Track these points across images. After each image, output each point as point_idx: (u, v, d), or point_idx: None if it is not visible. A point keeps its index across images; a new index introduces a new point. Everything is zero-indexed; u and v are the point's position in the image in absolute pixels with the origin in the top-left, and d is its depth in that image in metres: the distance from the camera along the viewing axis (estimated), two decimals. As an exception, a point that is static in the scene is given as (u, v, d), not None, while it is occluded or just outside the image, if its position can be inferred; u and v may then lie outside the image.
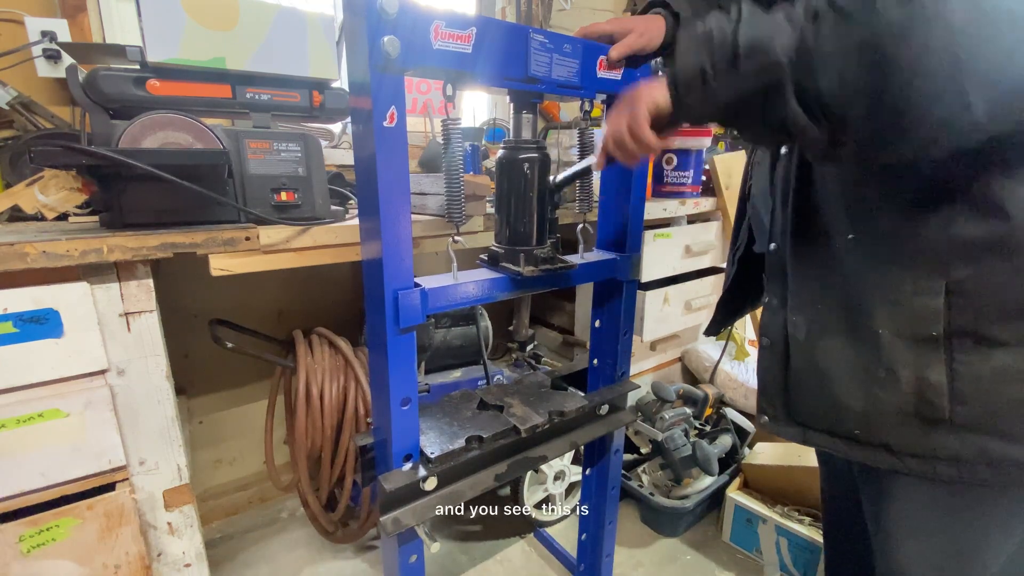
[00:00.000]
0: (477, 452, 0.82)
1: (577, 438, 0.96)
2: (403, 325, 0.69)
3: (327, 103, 1.02)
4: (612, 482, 1.15)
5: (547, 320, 2.07)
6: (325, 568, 1.43)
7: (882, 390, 0.64)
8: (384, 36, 0.58)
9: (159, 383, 0.87)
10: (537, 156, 0.83)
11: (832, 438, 0.71)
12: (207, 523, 1.57)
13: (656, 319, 1.64)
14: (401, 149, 0.64)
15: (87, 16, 1.28)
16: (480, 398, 0.95)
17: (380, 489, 0.73)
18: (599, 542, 1.18)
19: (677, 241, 1.65)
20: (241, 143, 0.92)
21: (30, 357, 0.75)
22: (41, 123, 1.26)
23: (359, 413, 1.21)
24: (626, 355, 1.06)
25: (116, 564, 0.84)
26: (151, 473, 0.88)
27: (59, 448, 0.78)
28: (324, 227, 0.97)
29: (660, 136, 0.66)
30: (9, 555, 0.76)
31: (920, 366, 0.61)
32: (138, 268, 0.82)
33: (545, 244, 0.87)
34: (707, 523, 1.62)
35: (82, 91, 0.84)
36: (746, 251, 0.89)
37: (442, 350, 1.55)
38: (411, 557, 0.80)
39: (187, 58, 0.87)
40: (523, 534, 1.56)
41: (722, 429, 1.67)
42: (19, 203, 1.01)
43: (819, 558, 1.32)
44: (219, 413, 1.62)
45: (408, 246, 0.68)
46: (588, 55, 0.78)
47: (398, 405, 0.73)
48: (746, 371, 1.86)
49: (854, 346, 0.66)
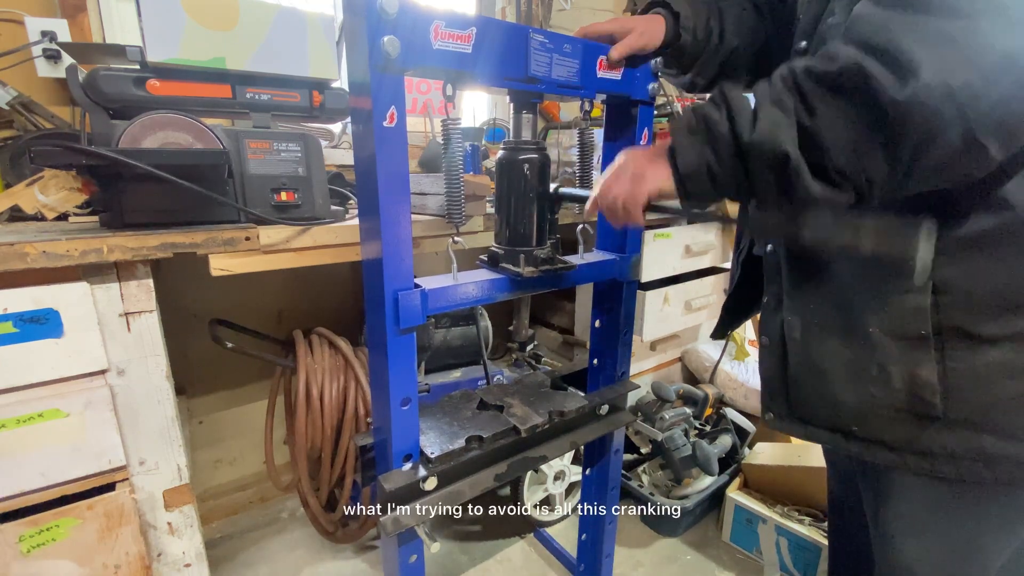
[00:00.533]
0: (477, 452, 0.82)
1: (577, 438, 0.96)
2: (403, 326, 0.69)
3: (327, 103, 1.02)
4: (612, 482, 1.15)
5: (547, 320, 2.07)
6: (325, 568, 1.43)
7: (875, 387, 0.64)
8: (384, 36, 0.58)
9: (159, 383, 0.87)
10: (537, 157, 0.83)
11: (833, 434, 0.71)
12: (207, 523, 1.57)
13: (656, 319, 1.64)
14: (401, 149, 0.64)
15: (87, 16, 1.28)
16: (480, 398, 0.95)
17: (380, 489, 0.73)
18: (599, 542, 1.18)
19: (677, 241, 1.65)
20: (241, 143, 0.92)
21: (30, 357, 0.75)
22: (41, 123, 1.26)
23: (359, 413, 1.21)
24: (626, 355, 1.06)
25: (116, 564, 0.84)
26: (151, 473, 0.88)
27: (59, 448, 0.78)
28: (324, 227, 0.97)
29: (655, 208, 0.67)
30: (9, 555, 0.76)
31: (911, 364, 0.61)
32: (138, 268, 0.82)
33: (545, 245, 0.87)
34: (707, 523, 1.62)
35: (82, 91, 0.84)
36: (749, 254, 0.89)
37: (442, 350, 1.55)
38: (411, 557, 0.80)
39: (187, 58, 0.87)
40: (523, 534, 1.56)
41: (722, 429, 1.67)
42: (19, 203, 1.01)
43: (819, 558, 1.32)
44: (219, 413, 1.62)
45: (408, 246, 0.68)
46: (588, 55, 0.78)
47: (398, 405, 0.73)
48: (746, 371, 1.86)
49: (847, 345, 0.67)
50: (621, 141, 0.94)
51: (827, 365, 0.69)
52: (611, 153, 0.95)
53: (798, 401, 0.74)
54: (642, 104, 0.88)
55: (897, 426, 0.64)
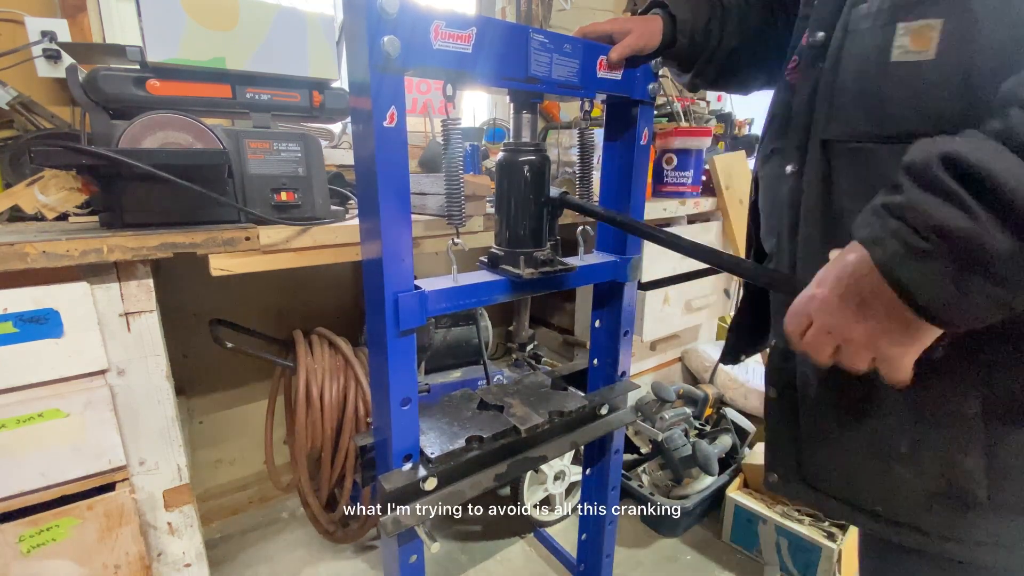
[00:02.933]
0: (477, 452, 0.82)
1: (577, 438, 0.96)
2: (403, 328, 0.69)
3: (327, 103, 1.02)
4: (612, 482, 1.15)
5: (547, 320, 2.07)
6: (325, 568, 1.43)
7: (904, 468, 0.55)
8: (384, 36, 0.58)
9: (159, 383, 0.87)
10: (536, 159, 0.83)
11: (852, 510, 0.60)
12: (207, 523, 1.57)
13: (656, 319, 1.64)
14: (401, 149, 0.64)
15: (87, 16, 1.28)
16: (480, 398, 0.95)
17: (380, 489, 0.73)
18: (599, 542, 1.18)
19: (677, 241, 1.64)
20: (241, 143, 0.92)
21: (30, 357, 0.75)
22: (41, 123, 1.26)
23: (359, 413, 1.21)
24: (626, 355, 1.06)
25: (116, 564, 0.84)
26: (151, 473, 0.88)
27: (59, 448, 0.78)
28: (324, 227, 0.97)
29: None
30: (9, 555, 0.76)
31: (951, 449, 0.52)
32: (138, 268, 0.82)
33: (545, 246, 0.87)
34: (707, 523, 1.62)
35: (82, 91, 0.84)
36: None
37: (442, 350, 1.55)
38: (411, 557, 0.80)
39: (187, 58, 0.87)
40: (523, 534, 1.56)
41: (722, 429, 1.67)
42: (19, 203, 1.01)
43: (819, 558, 1.32)
44: (219, 413, 1.62)
45: (408, 246, 0.68)
46: (588, 55, 0.78)
47: (398, 405, 0.73)
48: (746, 371, 1.86)
49: (874, 413, 0.56)
50: (621, 141, 0.94)
51: (846, 433, 0.58)
52: (611, 153, 0.96)
53: (810, 466, 0.63)
54: (642, 104, 0.88)
55: (931, 510, 0.54)
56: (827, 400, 0.60)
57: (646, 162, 0.95)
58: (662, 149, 1.74)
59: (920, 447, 0.53)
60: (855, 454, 0.58)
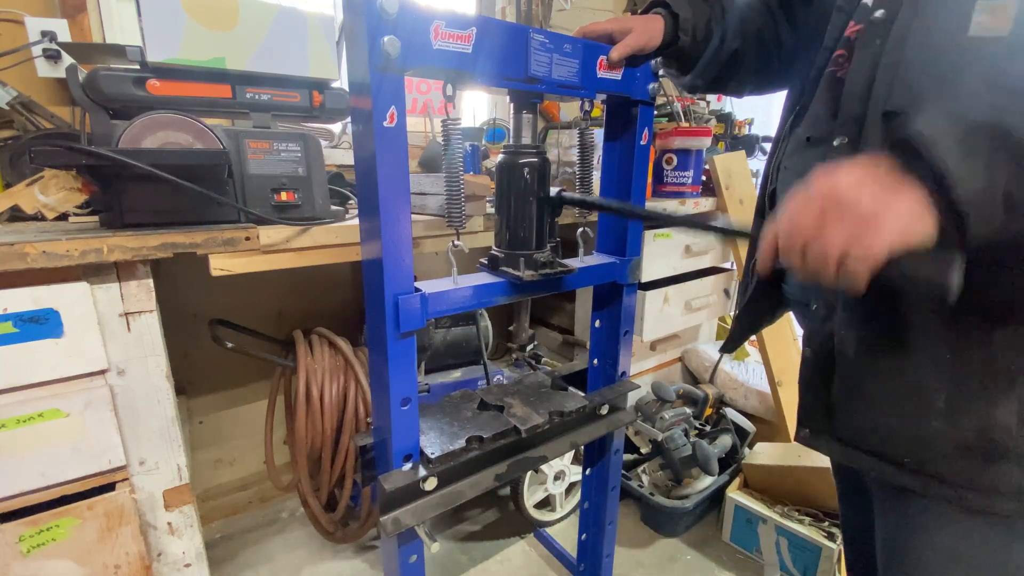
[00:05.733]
0: (477, 452, 0.82)
1: (577, 438, 0.96)
2: (403, 329, 0.69)
3: (327, 103, 1.02)
4: (612, 482, 1.15)
5: (547, 320, 2.07)
6: (325, 568, 1.44)
7: (939, 422, 0.57)
8: (384, 36, 0.58)
9: (159, 383, 0.87)
10: (536, 161, 0.83)
11: (879, 461, 0.64)
12: (207, 523, 1.57)
13: (656, 319, 1.64)
14: (401, 149, 0.64)
15: (87, 16, 1.28)
16: (480, 398, 0.95)
17: (380, 489, 0.73)
18: (599, 542, 1.18)
19: (677, 241, 1.65)
20: (241, 143, 0.92)
21: (30, 357, 0.75)
22: (41, 123, 1.26)
23: (359, 413, 1.21)
24: (626, 355, 1.06)
25: (116, 564, 0.84)
26: (151, 473, 0.88)
27: (59, 448, 0.78)
28: (324, 227, 0.97)
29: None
30: (9, 555, 0.76)
31: (987, 403, 0.54)
32: (138, 268, 0.82)
33: (545, 248, 0.87)
34: (707, 523, 1.62)
35: (82, 91, 0.84)
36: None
37: (442, 350, 1.55)
38: (411, 557, 0.80)
39: (187, 58, 0.87)
40: (523, 534, 1.56)
41: (722, 429, 1.67)
42: (19, 203, 1.01)
43: (819, 558, 1.32)
44: (219, 413, 1.62)
45: (408, 246, 0.68)
46: (588, 55, 0.78)
47: (398, 405, 0.73)
48: (746, 371, 1.87)
49: (913, 370, 0.59)
50: (621, 141, 0.94)
51: (883, 389, 0.61)
52: (611, 153, 0.96)
53: (841, 421, 0.67)
54: (642, 104, 0.88)
55: (958, 461, 0.57)
56: (866, 360, 0.62)
57: (646, 162, 0.95)
58: (662, 149, 1.74)
59: (957, 402, 0.56)
60: (891, 410, 0.61)
